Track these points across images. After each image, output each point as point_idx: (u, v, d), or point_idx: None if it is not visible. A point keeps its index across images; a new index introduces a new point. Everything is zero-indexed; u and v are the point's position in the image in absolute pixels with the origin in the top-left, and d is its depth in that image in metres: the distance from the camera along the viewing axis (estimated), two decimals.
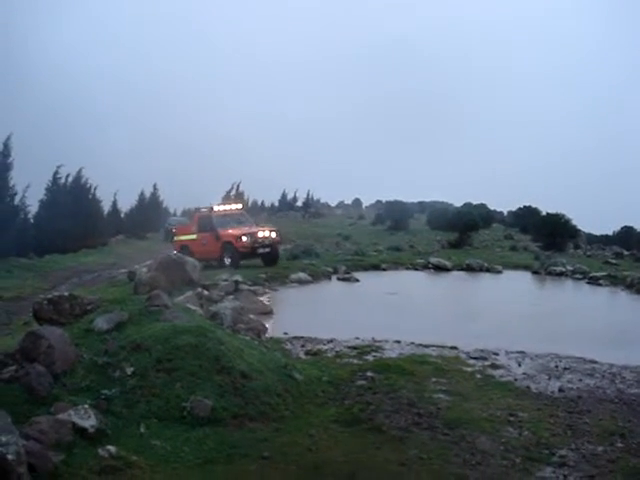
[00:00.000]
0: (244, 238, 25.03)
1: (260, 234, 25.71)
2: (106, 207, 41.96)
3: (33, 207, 31.91)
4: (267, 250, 25.68)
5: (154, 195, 53.46)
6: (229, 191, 61.58)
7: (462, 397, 8.47)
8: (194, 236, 26.97)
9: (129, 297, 10.42)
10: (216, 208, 28.13)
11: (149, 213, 50.08)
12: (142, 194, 51.06)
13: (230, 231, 25.80)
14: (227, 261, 25.13)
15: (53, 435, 5.42)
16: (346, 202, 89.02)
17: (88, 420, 5.89)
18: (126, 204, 48.04)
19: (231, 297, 16.91)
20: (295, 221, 53.19)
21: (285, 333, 12.53)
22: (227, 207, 29.06)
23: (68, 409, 5.96)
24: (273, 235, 26.37)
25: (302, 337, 12.29)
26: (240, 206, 30.23)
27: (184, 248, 26.49)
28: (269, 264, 25.32)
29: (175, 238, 28.72)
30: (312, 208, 71.47)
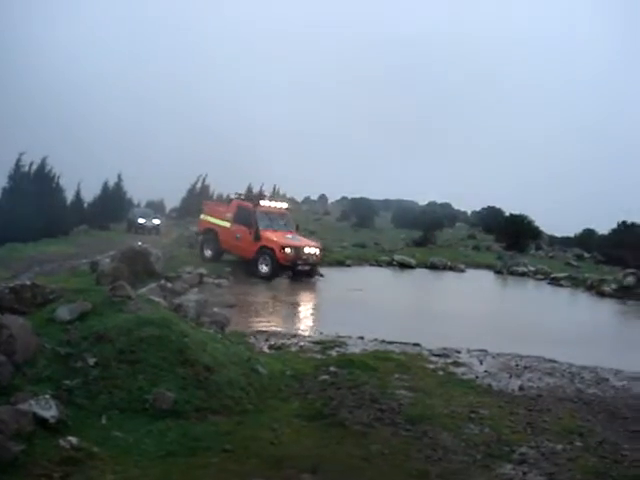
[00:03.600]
0: (288, 250, 22.47)
1: (306, 250, 23.19)
2: (69, 197, 41.34)
3: None
4: (306, 269, 23.32)
5: (118, 185, 52.81)
6: (194, 184, 61.27)
7: (424, 394, 8.54)
8: (227, 224, 24.27)
9: (92, 287, 10.33)
10: (263, 203, 25.06)
11: (113, 204, 49.45)
12: (106, 184, 50.43)
13: (274, 237, 22.99)
14: (263, 269, 22.44)
15: (13, 425, 5.33)
16: (312, 198, 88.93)
17: (49, 410, 5.81)
18: (90, 194, 47.43)
19: (195, 290, 16.85)
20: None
21: (248, 327, 12.51)
22: (273, 204, 25.87)
23: (29, 399, 5.88)
24: (317, 253, 23.78)
25: (266, 331, 12.30)
26: (286, 206, 26.92)
27: (209, 232, 24.83)
28: (294, 279, 22.58)
29: (202, 216, 25.96)
30: None
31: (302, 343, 11.44)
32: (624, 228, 50.43)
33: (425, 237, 41.81)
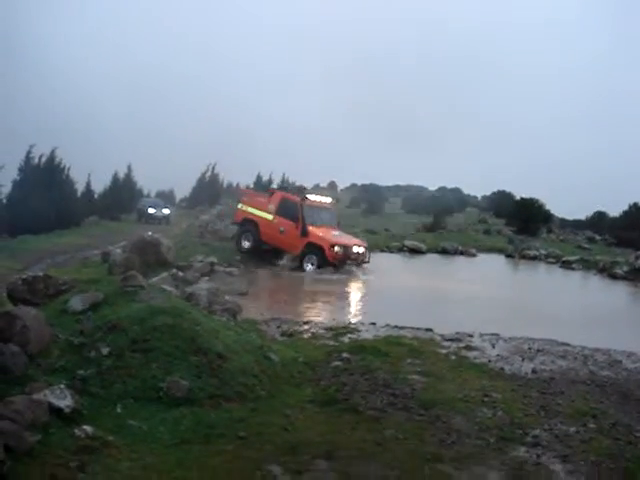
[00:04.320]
0: (337, 249, 22.00)
1: (355, 249, 22.85)
2: (80, 188, 41.43)
3: (6, 188, 31.58)
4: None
5: (128, 176, 52.95)
6: (204, 173, 61.31)
7: (437, 378, 8.54)
8: (269, 216, 23.53)
9: (104, 278, 10.36)
10: (310, 197, 24.35)
11: (123, 194, 49.59)
12: (116, 175, 50.58)
13: (322, 234, 22.49)
14: (308, 267, 21.87)
15: (29, 415, 5.36)
16: (321, 185, 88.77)
17: (64, 400, 5.84)
18: (100, 185, 47.56)
19: (206, 278, 16.90)
20: None
21: (261, 314, 12.53)
22: (320, 199, 25.08)
23: (43, 389, 5.91)
24: (364, 252, 23.43)
25: (278, 318, 12.30)
26: (331, 200, 26.10)
27: (248, 222, 24.04)
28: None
29: (240, 206, 25.00)
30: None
31: (314, 330, 11.45)
32: (635, 210, 50.25)
33: (435, 222, 41.75)
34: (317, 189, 75.05)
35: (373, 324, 12.34)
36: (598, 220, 58.51)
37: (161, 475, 5.15)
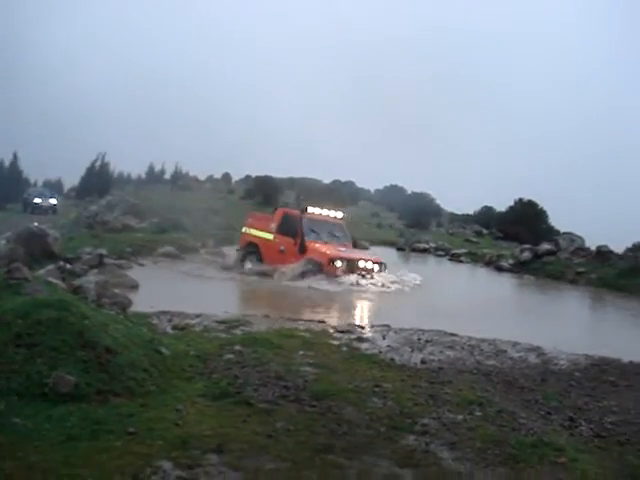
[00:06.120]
0: (339, 264, 19.68)
1: (361, 264, 20.20)
2: None
3: None
4: None
5: (14, 165, 51.13)
6: (94, 162, 59.77)
7: (329, 369, 8.62)
8: (270, 236, 21.56)
9: None
10: (311, 210, 22.06)
11: (8, 183, 47.85)
12: (1, 163, 48.75)
13: (320, 247, 20.39)
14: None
15: None
16: (215, 176, 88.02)
17: None
18: None
19: (95, 271, 16.53)
20: (163, 194, 52.10)
21: (152, 307, 12.32)
22: (324, 212, 22.66)
23: None
24: (376, 269, 20.69)
25: (169, 312, 12.12)
26: (340, 215, 23.49)
27: (250, 246, 22.26)
28: None
29: (244, 229, 23.21)
30: (180, 181, 70.28)
31: (206, 322, 11.34)
32: (521, 206, 52.13)
33: None
34: (211, 180, 74.51)
35: (267, 316, 12.37)
36: (485, 214, 60.37)
37: (46, 474, 4.99)
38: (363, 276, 19.70)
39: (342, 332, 11.37)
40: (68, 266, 15.48)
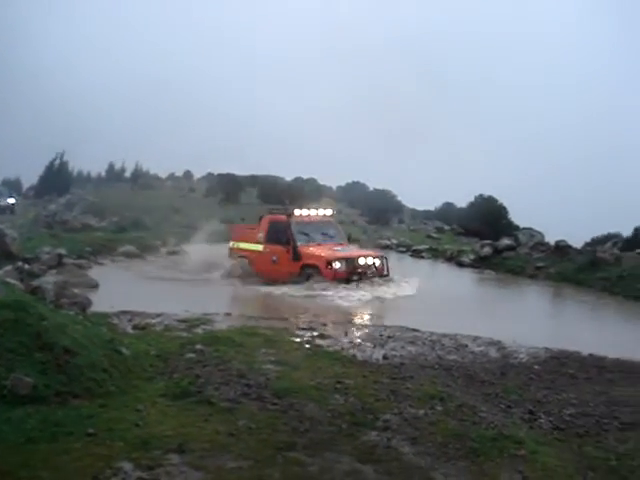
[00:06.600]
0: (337, 264, 18.14)
1: (361, 260, 18.85)
2: None
3: None
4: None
5: None
6: (53, 160, 58.94)
7: (291, 367, 8.63)
8: (259, 247, 20.18)
9: None
10: (297, 212, 20.50)
11: None
12: None
13: (315, 250, 18.99)
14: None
15: None
16: (177, 174, 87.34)
17: None
18: None
19: (54, 271, 16.37)
20: (123, 193, 51.54)
21: (111, 307, 12.21)
22: (312, 212, 21.27)
23: None
24: (377, 263, 19.35)
25: (129, 311, 12.03)
26: (330, 212, 22.48)
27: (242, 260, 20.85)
28: None
29: (232, 244, 21.72)
30: (141, 180, 69.55)
31: (167, 322, 11.29)
32: (481, 201, 52.50)
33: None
34: (172, 178, 73.99)
35: (228, 314, 12.34)
36: (446, 211, 60.68)
37: (5, 476, 4.93)
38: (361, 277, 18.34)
39: (304, 329, 11.39)
40: (26, 266, 15.31)
